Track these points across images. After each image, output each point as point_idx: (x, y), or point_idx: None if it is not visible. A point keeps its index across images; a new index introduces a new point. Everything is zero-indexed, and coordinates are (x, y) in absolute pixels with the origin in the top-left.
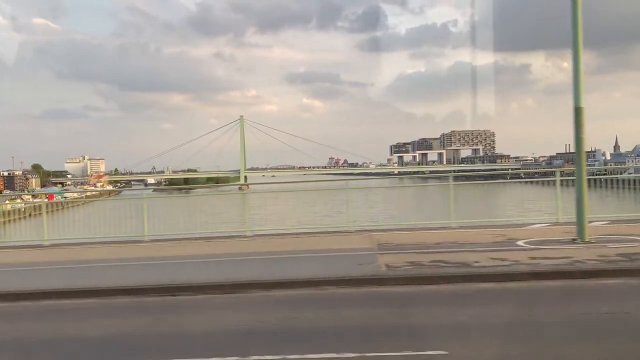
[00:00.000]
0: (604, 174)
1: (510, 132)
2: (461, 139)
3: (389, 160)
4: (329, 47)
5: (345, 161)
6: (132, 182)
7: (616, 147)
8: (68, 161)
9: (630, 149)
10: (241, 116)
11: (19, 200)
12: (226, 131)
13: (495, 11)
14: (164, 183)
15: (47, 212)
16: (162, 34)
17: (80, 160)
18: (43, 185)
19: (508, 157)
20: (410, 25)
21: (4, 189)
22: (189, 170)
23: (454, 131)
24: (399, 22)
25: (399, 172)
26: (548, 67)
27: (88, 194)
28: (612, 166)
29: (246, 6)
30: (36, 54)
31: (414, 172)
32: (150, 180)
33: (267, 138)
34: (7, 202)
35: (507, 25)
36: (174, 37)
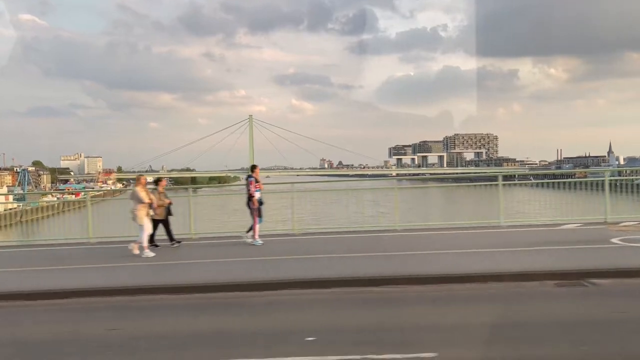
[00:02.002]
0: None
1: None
2: (464, 142)
3: (385, 162)
4: (319, 49)
5: (340, 162)
6: (131, 181)
7: (610, 152)
8: (63, 158)
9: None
10: (250, 116)
11: (49, 197)
12: (233, 132)
13: (483, 17)
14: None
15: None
16: (152, 33)
17: (76, 158)
18: (52, 182)
19: (514, 160)
20: (400, 29)
21: (19, 185)
22: (187, 170)
23: (457, 134)
24: (389, 25)
25: (397, 174)
26: (535, 74)
27: (106, 192)
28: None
29: (237, 7)
30: (22, 51)
31: (414, 174)
32: (150, 179)
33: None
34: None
35: (495, 31)
36: (164, 36)
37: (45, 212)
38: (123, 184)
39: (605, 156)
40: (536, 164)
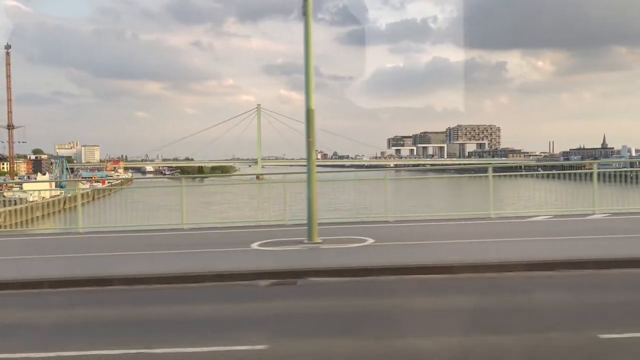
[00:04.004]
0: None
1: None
2: (467, 133)
3: (382, 153)
4: None
5: (335, 153)
6: (130, 170)
7: (604, 144)
8: (58, 147)
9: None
10: (258, 105)
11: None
12: (238, 123)
13: (472, 9)
14: (169, 172)
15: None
16: (139, 21)
17: (72, 146)
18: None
19: (519, 152)
20: (390, 20)
21: (32, 172)
22: (186, 159)
23: (459, 125)
24: (379, 16)
25: (395, 165)
26: (523, 66)
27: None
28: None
29: None
30: (6, 38)
31: (413, 165)
32: (149, 168)
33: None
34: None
35: (484, 23)
36: (152, 24)
37: (83, 199)
38: (131, 173)
39: (613, 148)
40: (541, 156)
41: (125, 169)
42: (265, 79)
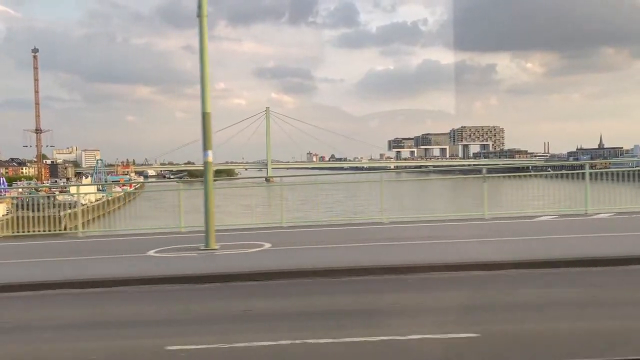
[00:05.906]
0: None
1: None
2: (471, 134)
3: (381, 155)
4: (299, 42)
5: (333, 156)
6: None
7: (601, 144)
8: (57, 152)
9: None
10: (267, 108)
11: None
12: (248, 125)
13: (462, 12)
14: (173, 175)
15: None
16: (130, 24)
17: (71, 151)
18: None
19: (526, 152)
20: (381, 22)
21: (50, 177)
22: (188, 163)
23: (464, 126)
24: (370, 19)
25: (395, 166)
26: (512, 68)
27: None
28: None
29: None
30: None
31: (416, 167)
32: (151, 172)
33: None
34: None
35: (474, 25)
36: (143, 27)
37: (119, 203)
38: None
39: (621, 147)
40: (547, 155)
41: (137, 172)
42: (257, 82)
